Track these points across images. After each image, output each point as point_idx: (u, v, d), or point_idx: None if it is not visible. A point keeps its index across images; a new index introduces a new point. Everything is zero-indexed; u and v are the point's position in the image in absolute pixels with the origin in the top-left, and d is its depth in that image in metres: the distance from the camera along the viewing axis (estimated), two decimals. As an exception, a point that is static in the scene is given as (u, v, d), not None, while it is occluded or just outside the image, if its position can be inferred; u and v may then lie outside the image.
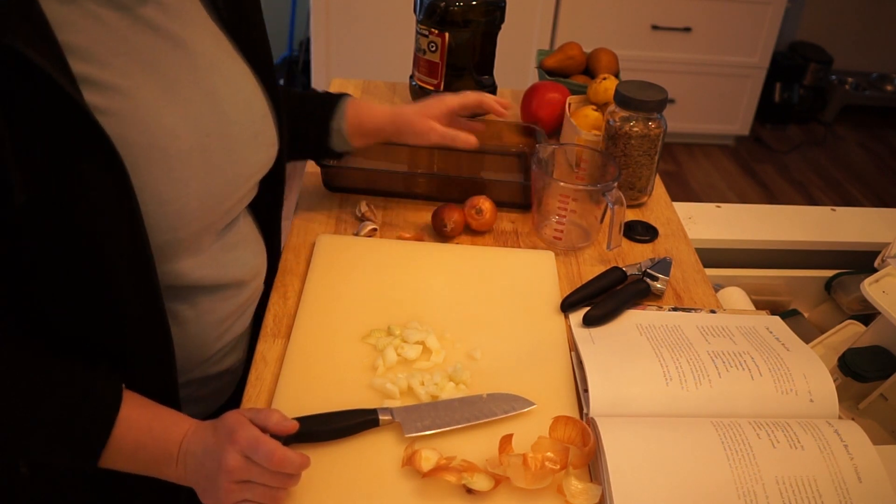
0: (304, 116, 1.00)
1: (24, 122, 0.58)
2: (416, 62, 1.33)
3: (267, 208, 0.91)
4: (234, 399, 0.93)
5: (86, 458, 0.66)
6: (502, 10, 1.28)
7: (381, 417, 0.75)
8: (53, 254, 0.64)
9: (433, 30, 1.26)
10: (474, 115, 1.14)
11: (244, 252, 0.85)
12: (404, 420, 0.75)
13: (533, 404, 0.79)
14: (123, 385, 0.69)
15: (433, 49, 1.28)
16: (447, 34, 1.25)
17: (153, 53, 0.69)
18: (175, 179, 0.69)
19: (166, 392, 0.75)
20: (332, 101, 1.01)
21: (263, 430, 0.66)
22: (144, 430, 0.67)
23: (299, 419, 0.72)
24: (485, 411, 0.77)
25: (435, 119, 1.00)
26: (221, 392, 0.91)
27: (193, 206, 0.71)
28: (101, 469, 0.68)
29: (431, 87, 1.32)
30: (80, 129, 0.60)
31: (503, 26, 1.31)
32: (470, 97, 1.02)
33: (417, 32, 1.29)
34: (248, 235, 0.87)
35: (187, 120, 0.70)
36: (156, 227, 0.68)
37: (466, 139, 0.99)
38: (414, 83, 1.36)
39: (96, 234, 0.64)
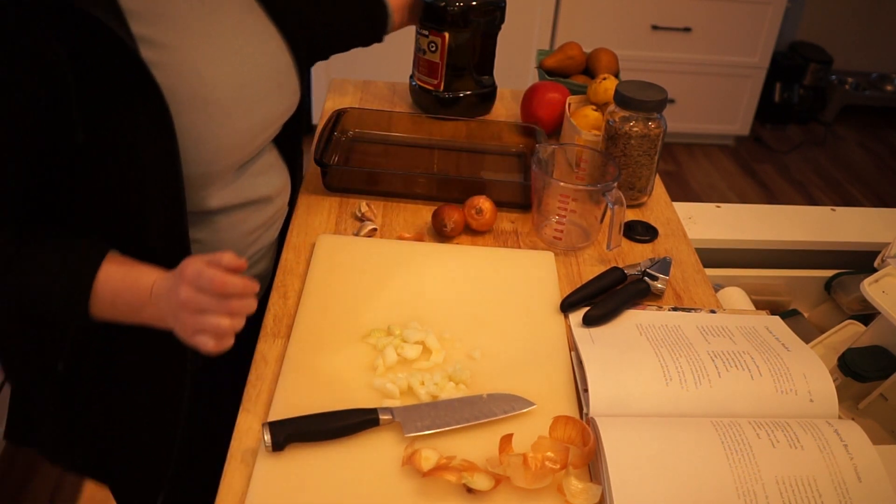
0: (361, 12, 1.22)
1: (89, 75, 0.72)
2: (416, 62, 1.33)
3: (288, 141, 1.04)
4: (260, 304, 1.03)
5: (75, 306, 0.76)
6: (502, 10, 1.28)
7: (381, 417, 0.75)
8: (97, 176, 0.77)
9: (433, 30, 1.26)
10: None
11: (268, 177, 0.99)
12: (404, 420, 0.75)
13: (533, 404, 0.79)
14: (112, 250, 0.79)
15: (433, 49, 1.28)
16: (447, 34, 1.25)
17: (191, 15, 0.82)
18: (213, 123, 0.83)
19: None
20: None
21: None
22: (119, 280, 0.77)
23: (299, 419, 0.73)
24: (485, 411, 0.77)
25: None
26: None
27: (227, 144, 0.85)
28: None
29: (431, 88, 1.32)
30: (136, 79, 0.74)
31: (503, 26, 1.31)
32: None
33: (417, 32, 1.29)
34: (273, 163, 1.01)
35: (224, 72, 0.84)
36: (193, 161, 0.82)
37: None
38: (414, 83, 1.36)
39: (138, 165, 0.77)
